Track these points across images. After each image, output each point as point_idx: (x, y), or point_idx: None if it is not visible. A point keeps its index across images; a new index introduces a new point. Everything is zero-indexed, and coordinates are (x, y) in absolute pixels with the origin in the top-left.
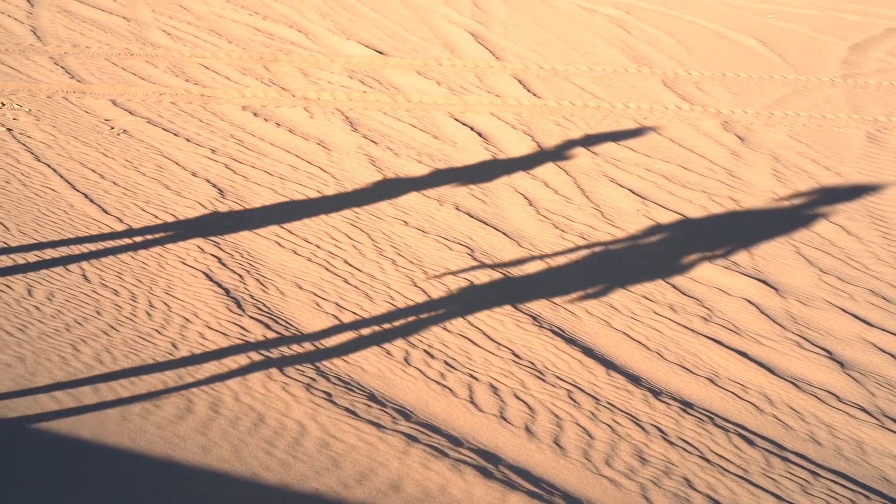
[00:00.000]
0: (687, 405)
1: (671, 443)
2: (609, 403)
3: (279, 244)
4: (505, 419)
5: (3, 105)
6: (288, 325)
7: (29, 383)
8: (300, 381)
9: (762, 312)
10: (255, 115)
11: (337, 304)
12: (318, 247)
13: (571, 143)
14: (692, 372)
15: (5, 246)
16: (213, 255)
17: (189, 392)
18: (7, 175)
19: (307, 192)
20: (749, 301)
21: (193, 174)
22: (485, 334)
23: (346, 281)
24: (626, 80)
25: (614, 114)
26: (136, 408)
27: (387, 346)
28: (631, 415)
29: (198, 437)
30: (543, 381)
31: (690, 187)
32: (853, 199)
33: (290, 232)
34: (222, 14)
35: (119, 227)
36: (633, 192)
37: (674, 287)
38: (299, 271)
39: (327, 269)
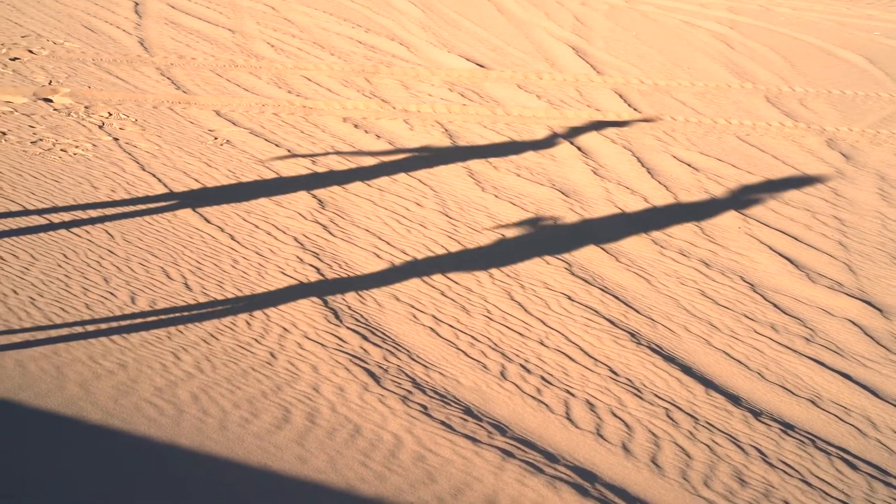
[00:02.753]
0: (788, 427)
1: (771, 465)
2: (708, 423)
3: (377, 255)
4: (602, 436)
5: (111, 115)
6: (385, 337)
7: (130, 390)
8: (396, 394)
9: (866, 334)
10: (356, 126)
11: (434, 316)
12: (416, 259)
13: (672, 159)
14: (793, 393)
15: (110, 254)
16: (312, 265)
17: (286, 402)
18: (113, 184)
19: (405, 203)
20: (853, 322)
21: (293, 185)
22: (582, 350)
23: (443, 293)
24: (729, 96)
25: (716, 129)
26: (235, 416)
27: (483, 359)
28: (730, 435)
29: (295, 448)
30: (641, 398)
31: (793, 205)
32: None
33: (388, 243)
34: (325, 27)
35: (220, 237)
36: (734, 209)
37: (775, 306)
38: (396, 283)
39: (424, 282)
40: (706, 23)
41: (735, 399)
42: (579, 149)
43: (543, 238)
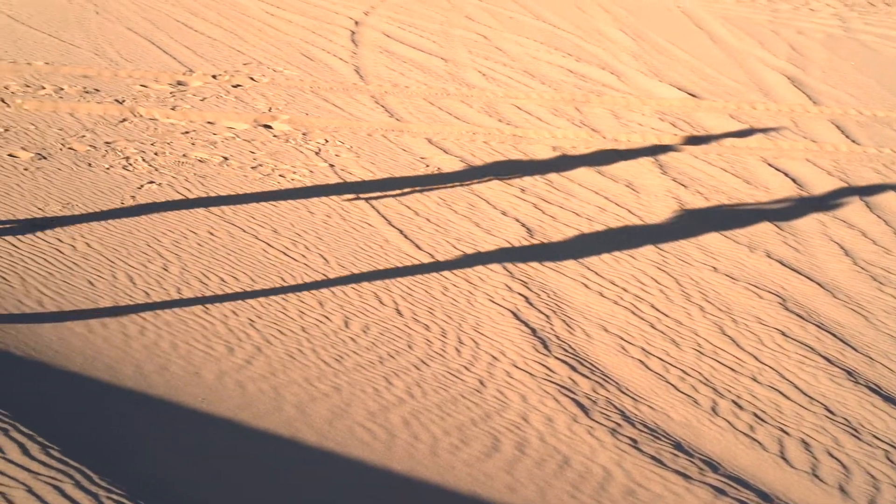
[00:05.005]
0: None
1: None
2: None
3: (585, 285)
4: (817, 477)
5: (327, 142)
6: (593, 368)
7: (344, 413)
8: (605, 426)
9: None
10: (565, 155)
11: (643, 348)
12: (625, 290)
13: (892, 193)
14: None
15: (325, 278)
16: (520, 294)
17: (495, 430)
18: (328, 210)
19: (614, 233)
20: None
21: (503, 213)
22: (796, 387)
23: (652, 326)
24: None
25: None
26: (445, 443)
27: (694, 394)
28: None
29: (504, 476)
30: (859, 439)
31: None
32: None
33: (596, 273)
34: (536, 55)
35: (431, 263)
36: None
37: None
38: (605, 314)
39: (633, 313)
40: None
41: None
42: (794, 181)
43: (755, 272)
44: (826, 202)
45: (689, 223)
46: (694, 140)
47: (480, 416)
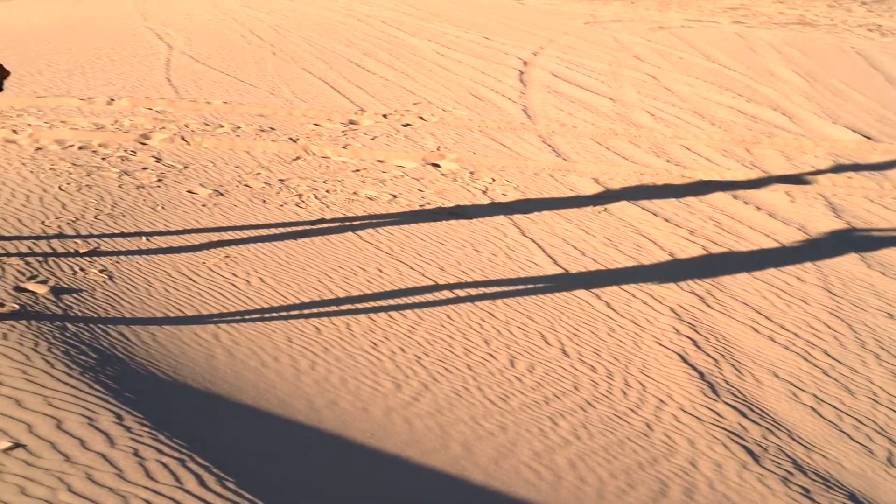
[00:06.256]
0: None
1: None
2: None
3: (755, 330)
4: None
5: (493, 180)
6: (763, 414)
7: (509, 453)
8: (776, 474)
9: None
10: (735, 197)
11: (815, 395)
12: (797, 335)
13: None
14: None
15: (491, 317)
16: (688, 337)
17: (663, 475)
18: (494, 248)
19: (786, 277)
20: None
21: (671, 255)
22: None
23: (825, 372)
24: None
25: None
26: (612, 486)
27: (869, 444)
28: None
29: None
30: None
31: None
32: None
33: (766, 318)
34: (706, 96)
35: (597, 304)
36: None
37: None
38: (776, 359)
39: (805, 359)
40: None
41: None
42: None
43: None
44: None
45: (864, 268)
46: (870, 183)
47: (648, 460)
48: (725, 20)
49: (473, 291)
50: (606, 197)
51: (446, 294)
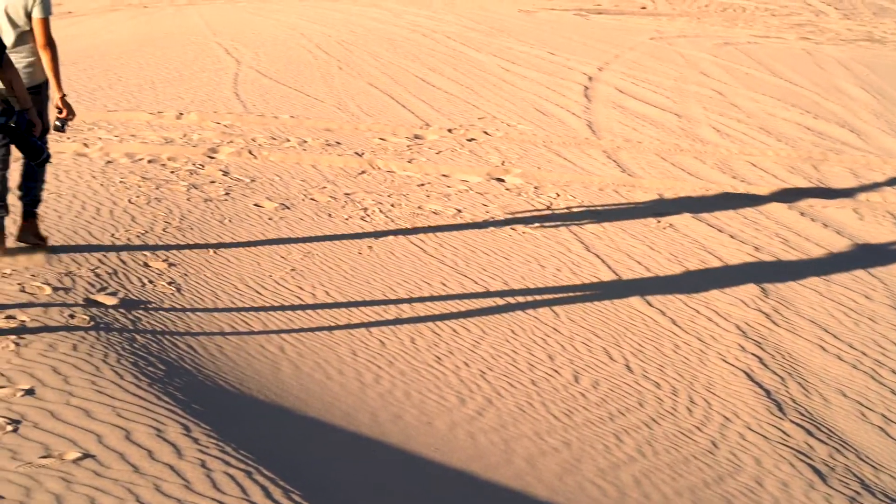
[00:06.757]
0: None
1: None
2: None
3: (822, 348)
4: None
5: (558, 196)
6: (831, 434)
7: (574, 469)
8: (844, 494)
9: None
10: (802, 214)
11: (884, 415)
12: (864, 354)
13: None
14: None
15: (555, 332)
16: (754, 354)
17: (729, 493)
18: (559, 263)
19: (853, 295)
20: None
21: (736, 271)
22: None
23: (893, 392)
24: None
25: None
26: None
27: None
28: None
29: None
30: None
31: None
32: None
33: (834, 336)
34: (772, 112)
35: (662, 320)
36: None
37: None
38: (843, 378)
39: (873, 378)
40: None
41: None
42: None
43: None
44: None
45: None
46: None
47: (713, 479)
48: (792, 36)
49: (538, 307)
50: (671, 213)
51: (511, 309)
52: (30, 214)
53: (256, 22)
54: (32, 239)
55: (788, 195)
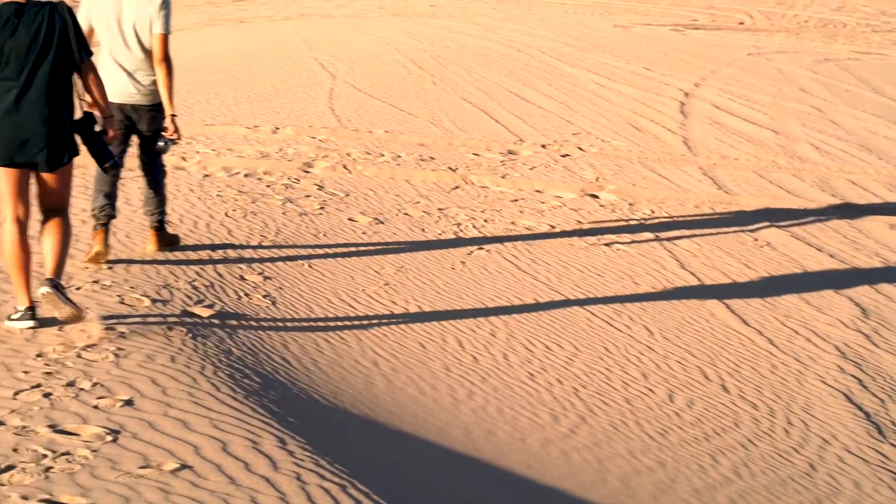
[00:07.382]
0: None
1: None
2: None
3: None
4: None
5: (653, 213)
6: None
7: (668, 489)
8: None
9: None
10: None
11: None
12: None
13: None
14: None
15: (649, 350)
16: (853, 375)
17: None
18: (653, 280)
19: None
20: None
21: (835, 291)
22: None
23: None
24: None
25: None
26: None
27: None
28: None
29: None
30: None
31: None
32: None
33: None
34: (873, 129)
35: (758, 340)
36: None
37: None
38: None
39: None
40: None
41: None
42: None
43: None
44: None
45: None
46: None
47: (811, 501)
48: (894, 53)
49: (631, 324)
50: (768, 231)
51: (604, 326)
52: (158, 229)
53: (352, 37)
54: (167, 248)
55: (889, 214)
